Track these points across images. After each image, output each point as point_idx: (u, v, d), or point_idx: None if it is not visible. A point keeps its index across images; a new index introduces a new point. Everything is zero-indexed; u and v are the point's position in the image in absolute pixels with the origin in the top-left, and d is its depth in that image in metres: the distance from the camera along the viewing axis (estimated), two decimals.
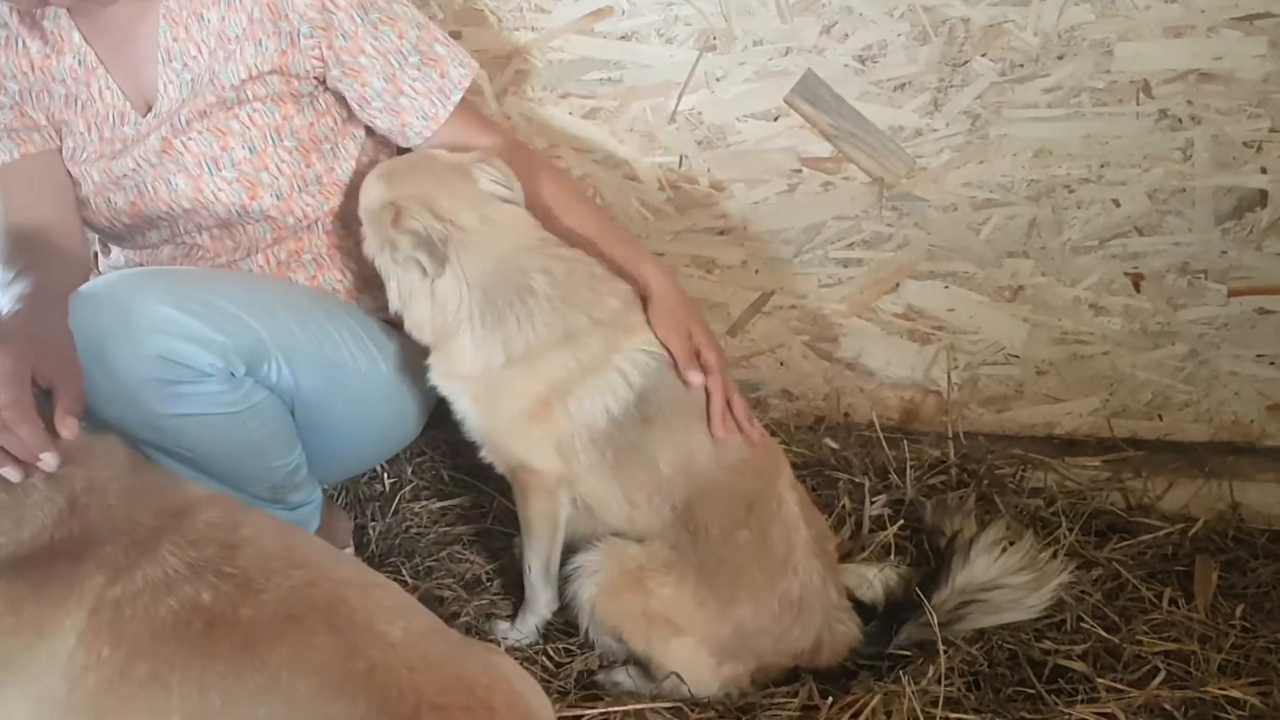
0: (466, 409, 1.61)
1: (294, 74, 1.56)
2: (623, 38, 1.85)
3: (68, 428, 1.17)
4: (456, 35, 1.86)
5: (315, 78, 1.59)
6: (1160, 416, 2.05)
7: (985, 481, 1.94)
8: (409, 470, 2.10)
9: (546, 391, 1.54)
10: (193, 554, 1.17)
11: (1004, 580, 1.62)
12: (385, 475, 2.09)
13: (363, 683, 1.09)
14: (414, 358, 1.64)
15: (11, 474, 1.15)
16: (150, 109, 1.56)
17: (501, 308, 1.53)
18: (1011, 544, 1.64)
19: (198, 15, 1.53)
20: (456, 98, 1.61)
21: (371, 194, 1.56)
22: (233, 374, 1.42)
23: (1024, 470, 1.98)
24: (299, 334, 1.52)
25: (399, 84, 1.59)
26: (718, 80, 1.86)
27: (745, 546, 1.54)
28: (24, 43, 1.53)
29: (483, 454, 1.65)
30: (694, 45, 1.83)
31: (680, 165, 1.94)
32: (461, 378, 1.58)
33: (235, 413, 1.45)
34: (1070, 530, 1.82)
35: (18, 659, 1.12)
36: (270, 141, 1.57)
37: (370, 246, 1.58)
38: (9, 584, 1.14)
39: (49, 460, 1.15)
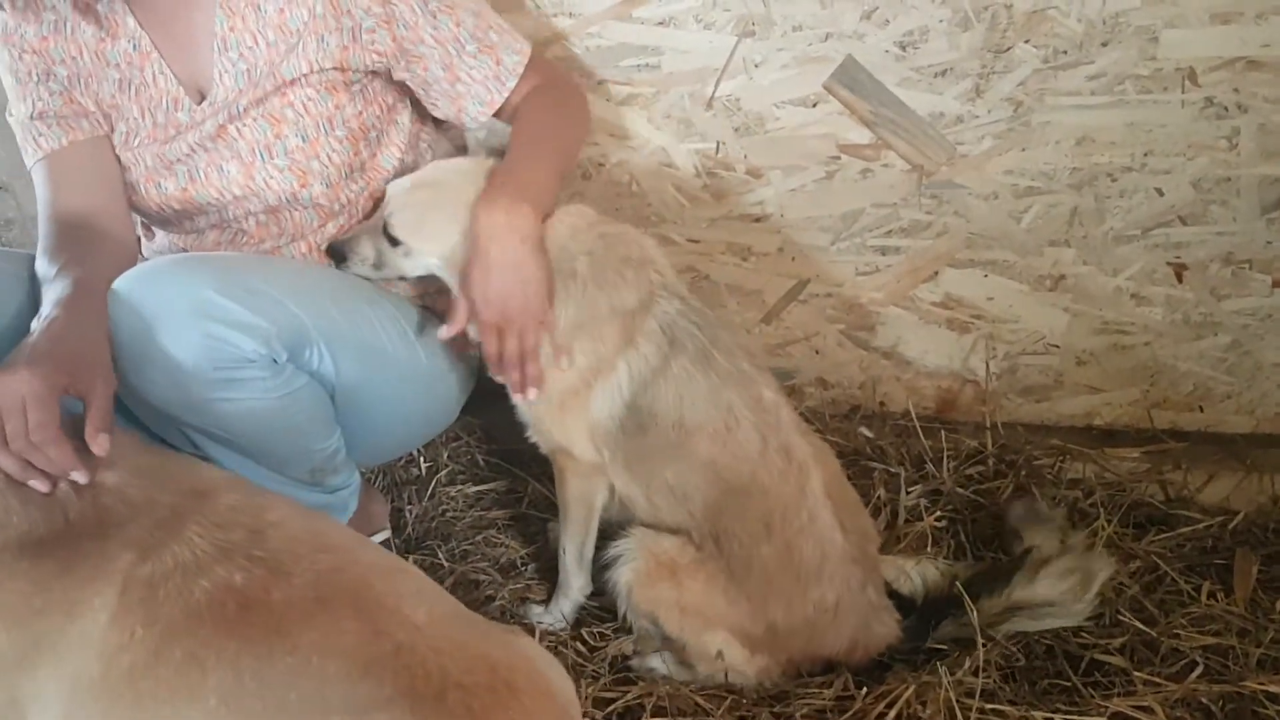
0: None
1: (352, 68, 1.58)
2: (660, 23, 1.84)
3: (99, 445, 1.21)
4: None
5: (371, 71, 1.60)
6: (1201, 408, 2.02)
7: (1023, 472, 1.93)
8: (445, 455, 2.13)
9: (576, 379, 1.54)
10: (220, 536, 1.19)
11: (1059, 600, 1.60)
12: (422, 460, 2.12)
13: (389, 664, 1.11)
14: (450, 344, 1.65)
15: (40, 485, 1.19)
16: (204, 96, 1.57)
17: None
18: (1085, 576, 1.60)
19: (255, 6, 1.53)
20: (511, 84, 1.63)
21: (434, 240, 1.57)
22: (275, 360, 1.44)
23: (1063, 461, 1.97)
24: (340, 320, 1.53)
25: (456, 72, 1.61)
26: (756, 66, 1.85)
27: (771, 558, 1.54)
28: (77, 27, 1.54)
29: (529, 434, 1.66)
30: (732, 31, 1.82)
31: (717, 152, 1.94)
32: None
33: (277, 397, 1.46)
34: (1109, 522, 1.81)
35: (50, 640, 1.14)
36: (322, 130, 1.59)
37: (439, 265, 1.59)
38: (33, 564, 1.16)
39: (79, 476, 1.20)
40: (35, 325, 1.32)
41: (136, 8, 1.54)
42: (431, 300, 1.72)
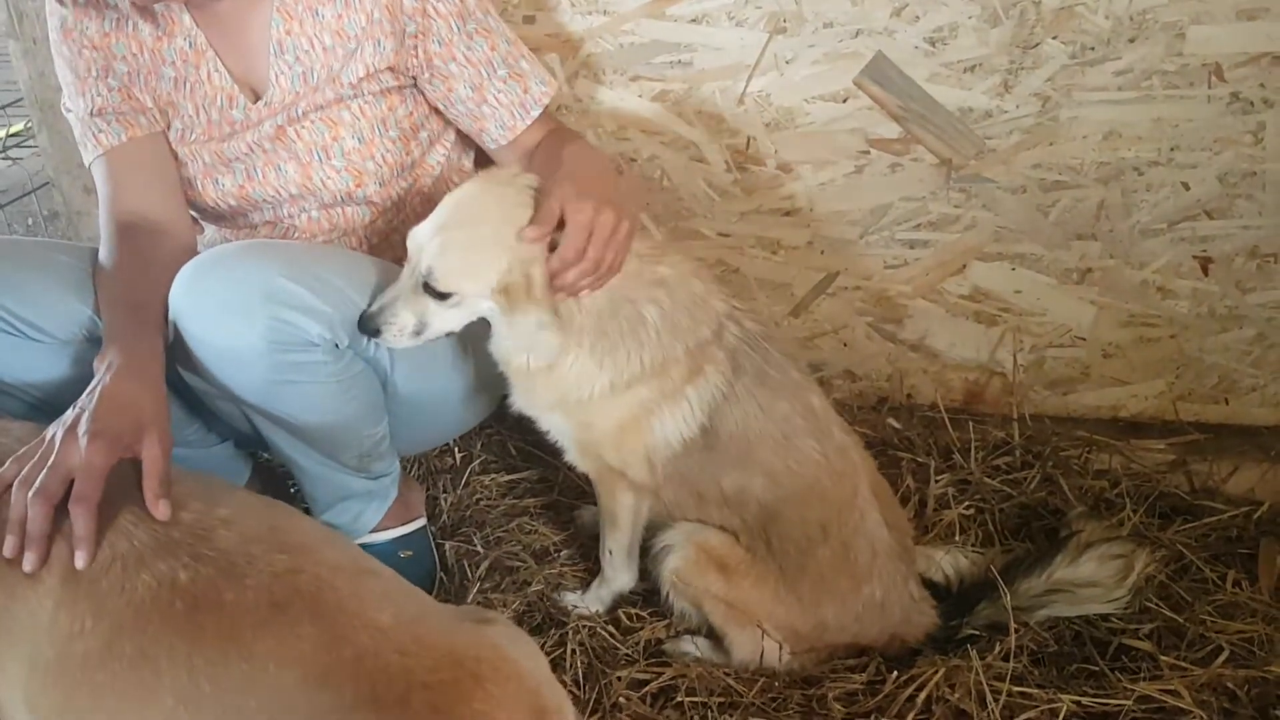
0: (557, 426, 1.62)
1: (403, 70, 1.62)
2: (693, 21, 1.87)
3: (160, 510, 1.20)
4: (530, 20, 1.90)
5: (415, 74, 1.64)
6: (1227, 400, 2.04)
7: (1050, 463, 1.95)
8: (478, 444, 2.16)
9: (639, 410, 1.56)
10: (160, 530, 1.18)
11: (1103, 581, 1.62)
12: (455, 449, 2.15)
13: (350, 671, 1.08)
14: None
15: (30, 564, 1.16)
16: (258, 95, 1.61)
17: (612, 342, 1.50)
18: (1127, 563, 1.63)
19: (313, 10, 1.57)
20: (535, 113, 1.67)
21: (482, 279, 1.44)
22: (337, 345, 1.48)
23: (1089, 452, 1.99)
24: None
25: (484, 93, 1.64)
26: (787, 63, 1.88)
27: (826, 560, 1.57)
28: (135, 25, 1.58)
29: (568, 457, 1.66)
30: (764, 28, 1.85)
31: (748, 147, 1.97)
32: (567, 403, 1.56)
33: (337, 382, 1.51)
34: (1135, 512, 1.83)
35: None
36: (377, 132, 1.63)
37: (491, 306, 1.48)
38: None
39: (81, 559, 1.16)
40: (102, 376, 1.33)
41: (192, 7, 1.58)
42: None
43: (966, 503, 1.89)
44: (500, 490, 2.08)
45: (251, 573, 1.15)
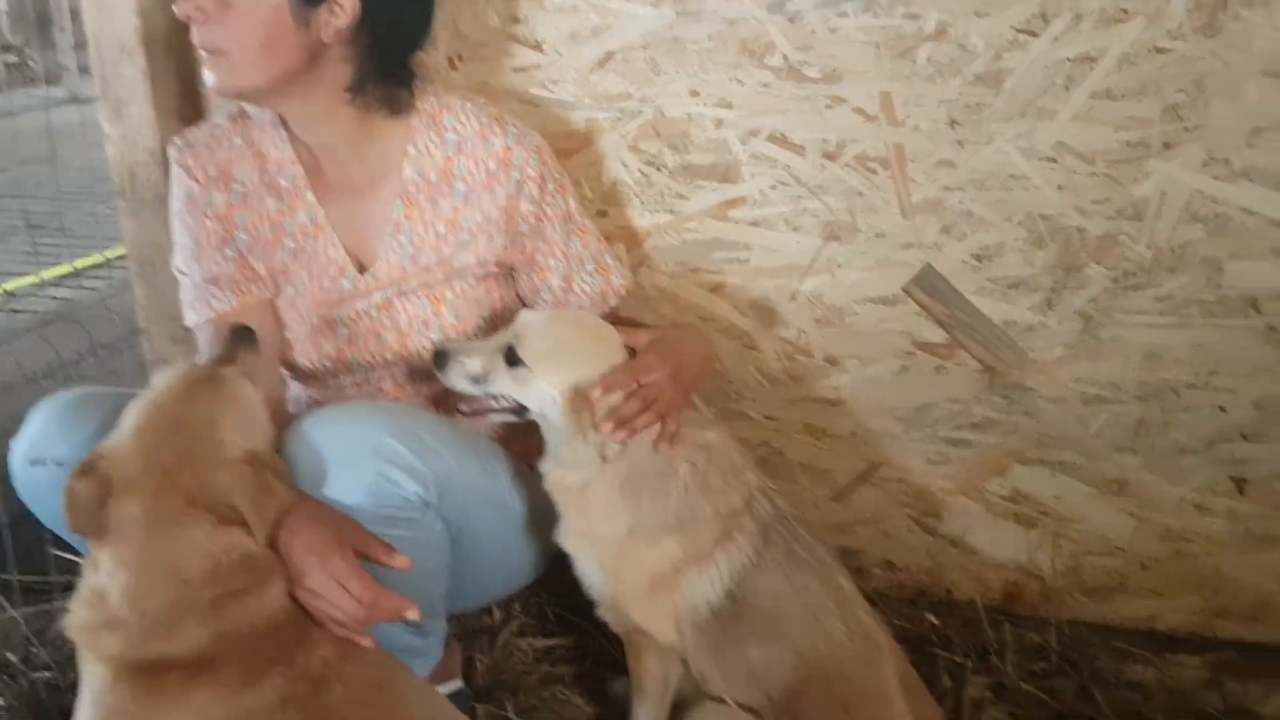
0: (591, 569, 1.69)
1: (505, 261, 1.76)
2: (753, 224, 2.00)
3: (400, 562, 1.40)
4: (603, 214, 2.04)
5: (514, 265, 1.78)
6: (1262, 619, 2.04)
7: (1085, 672, 1.96)
8: (517, 605, 2.19)
9: (668, 568, 1.62)
10: (290, 687, 1.25)
11: None
12: (495, 610, 2.18)
13: None
14: (549, 504, 1.72)
15: (364, 640, 1.37)
16: (364, 267, 1.73)
17: (640, 483, 1.60)
18: None
19: (433, 201, 1.71)
20: (613, 303, 1.82)
21: (558, 373, 1.58)
22: (428, 503, 1.55)
23: (1124, 663, 1.99)
24: (478, 472, 1.66)
25: (573, 285, 1.79)
26: (839, 266, 1.99)
27: None
28: (260, 199, 1.72)
29: (600, 611, 1.72)
30: (819, 235, 1.97)
31: (798, 339, 2.06)
32: (593, 540, 1.66)
33: (422, 538, 1.56)
34: None
35: None
36: (472, 312, 1.76)
37: (550, 416, 1.61)
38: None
39: (413, 614, 1.38)
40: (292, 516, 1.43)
41: (316, 185, 1.71)
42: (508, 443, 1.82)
43: (1002, 706, 1.89)
44: (536, 655, 2.09)
45: None
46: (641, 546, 1.63)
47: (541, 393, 1.59)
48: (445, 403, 1.81)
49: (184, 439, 1.35)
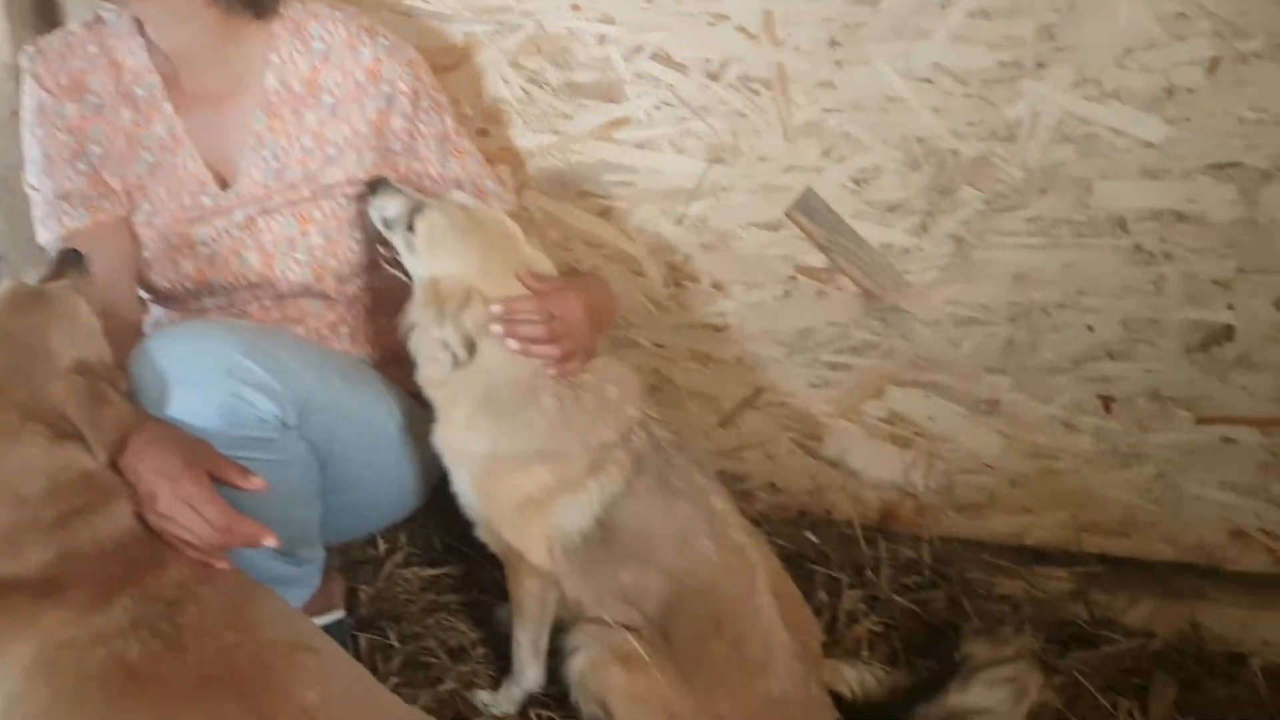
0: (464, 488, 1.68)
1: None
2: (638, 145, 1.98)
3: (254, 483, 1.38)
4: (484, 133, 2.00)
5: None
6: (1127, 534, 2.12)
7: (956, 585, 2.02)
8: (403, 537, 2.17)
9: (539, 493, 1.63)
10: (140, 609, 1.22)
11: (994, 707, 1.65)
12: (380, 540, 2.16)
13: None
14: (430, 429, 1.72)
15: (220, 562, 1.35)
16: (226, 183, 1.67)
17: (502, 405, 1.60)
18: (1018, 687, 1.65)
19: (296, 112, 1.65)
20: None
21: (436, 257, 1.60)
22: (285, 424, 1.51)
23: (994, 577, 2.06)
24: (345, 394, 1.62)
25: None
26: (724, 190, 1.99)
27: (719, 655, 1.61)
28: (115, 111, 1.64)
29: (477, 532, 1.72)
30: (704, 157, 1.96)
31: (685, 264, 2.06)
32: (457, 453, 1.66)
33: (281, 460, 1.53)
34: (1035, 638, 1.88)
35: None
36: (344, 232, 1.71)
37: (420, 276, 1.61)
38: None
39: (270, 540, 1.37)
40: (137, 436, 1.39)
41: (174, 94, 1.64)
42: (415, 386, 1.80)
43: (875, 618, 1.94)
44: (421, 584, 2.08)
45: (195, 647, 1.19)
46: (509, 470, 1.63)
47: (415, 265, 1.61)
48: (314, 324, 1.76)
49: (13, 352, 1.30)
